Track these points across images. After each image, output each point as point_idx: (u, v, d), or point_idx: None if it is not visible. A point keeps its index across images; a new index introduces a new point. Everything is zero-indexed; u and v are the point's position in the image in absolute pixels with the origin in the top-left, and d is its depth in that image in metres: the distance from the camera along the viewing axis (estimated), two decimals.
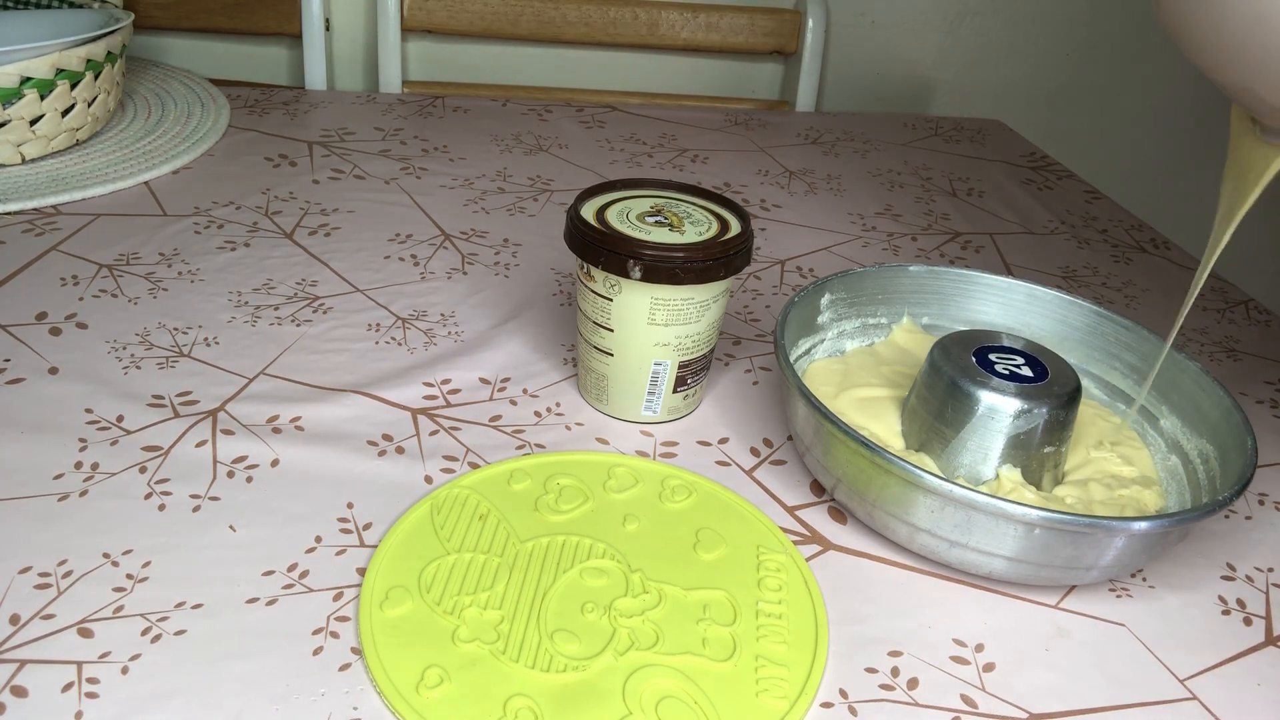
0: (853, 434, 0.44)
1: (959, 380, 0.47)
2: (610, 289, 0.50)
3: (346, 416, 0.52)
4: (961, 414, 0.47)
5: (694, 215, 0.52)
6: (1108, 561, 0.43)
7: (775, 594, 0.43)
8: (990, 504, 0.41)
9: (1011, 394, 0.46)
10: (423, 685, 0.37)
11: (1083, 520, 0.41)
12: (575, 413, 0.55)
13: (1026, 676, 0.41)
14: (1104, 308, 0.57)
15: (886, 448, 0.45)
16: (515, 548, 0.44)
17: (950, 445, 0.48)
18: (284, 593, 0.41)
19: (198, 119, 0.86)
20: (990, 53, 1.23)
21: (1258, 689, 0.42)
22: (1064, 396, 0.47)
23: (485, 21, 1.07)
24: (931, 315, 0.60)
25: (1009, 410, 0.46)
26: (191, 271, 0.64)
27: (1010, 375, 0.47)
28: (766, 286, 0.70)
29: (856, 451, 0.44)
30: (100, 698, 0.36)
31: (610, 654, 0.40)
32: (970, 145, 1.02)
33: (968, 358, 0.48)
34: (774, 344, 0.50)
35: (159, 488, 0.46)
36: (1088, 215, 0.88)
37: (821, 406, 0.45)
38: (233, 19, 1.04)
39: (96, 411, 0.51)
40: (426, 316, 0.62)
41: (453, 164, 0.84)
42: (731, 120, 1.02)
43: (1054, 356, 0.49)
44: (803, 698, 0.39)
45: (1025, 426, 0.46)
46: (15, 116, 0.71)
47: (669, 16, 1.10)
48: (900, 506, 0.44)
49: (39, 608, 0.39)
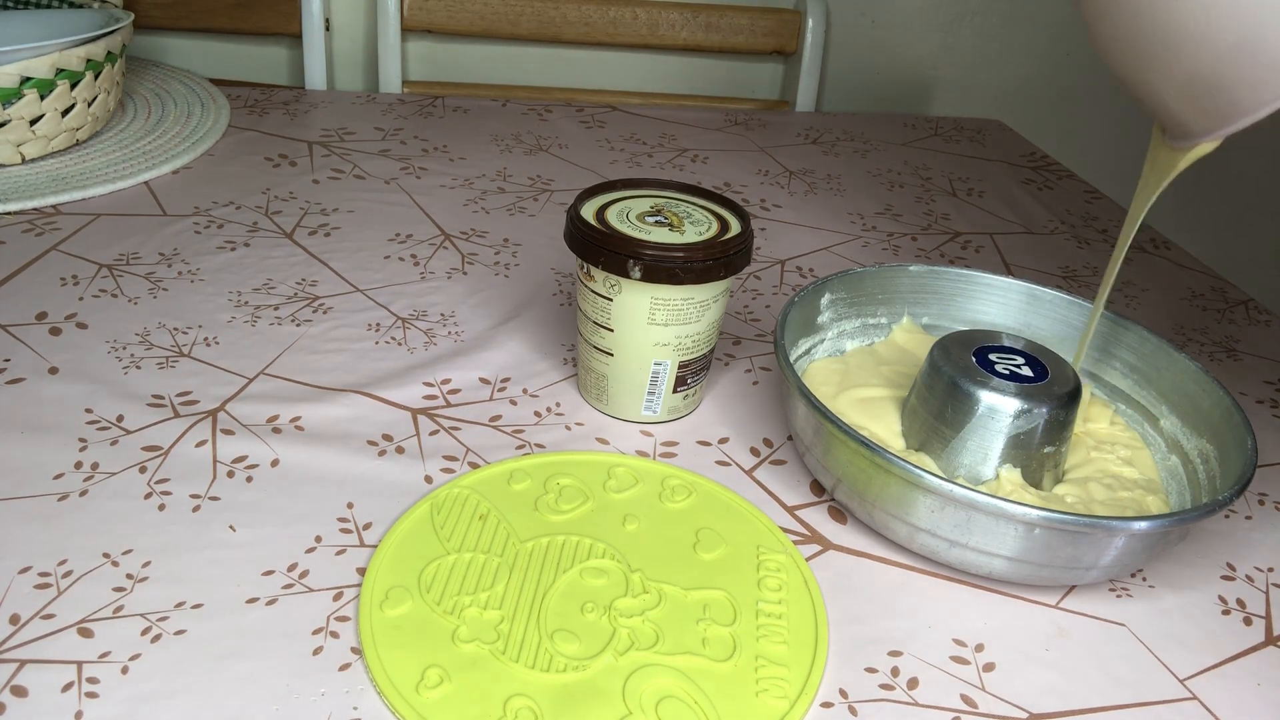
0: (853, 434, 0.44)
1: (959, 380, 0.47)
2: (610, 289, 0.50)
3: (346, 416, 0.52)
4: (961, 414, 0.47)
5: (694, 215, 0.52)
6: (1108, 561, 0.43)
7: (775, 594, 0.43)
8: (990, 504, 0.41)
9: (1011, 394, 0.46)
10: (423, 685, 0.37)
11: (1083, 520, 0.41)
12: (575, 412, 0.55)
13: (1027, 676, 0.41)
14: (1104, 308, 0.57)
15: (886, 448, 0.45)
16: (515, 548, 0.44)
17: (950, 445, 0.48)
18: (284, 593, 0.41)
19: (198, 119, 0.86)
20: (990, 53, 1.23)
21: (1258, 689, 0.42)
22: (1064, 396, 0.47)
23: (485, 21, 1.07)
24: (931, 315, 0.60)
25: (1009, 410, 0.46)
26: (191, 271, 0.64)
27: (1010, 375, 0.47)
28: (766, 286, 0.70)
29: (857, 451, 0.44)
30: (100, 698, 0.36)
31: (610, 654, 0.40)
32: (970, 145, 1.02)
33: (968, 358, 0.48)
34: (774, 344, 0.50)
35: (159, 488, 0.46)
36: (1088, 215, 0.88)
37: (821, 406, 0.45)
38: (233, 19, 1.04)
39: (96, 411, 0.51)
40: (426, 316, 0.62)
41: (453, 164, 0.84)
42: (731, 120, 1.02)
43: (1054, 356, 0.49)
44: (803, 697, 0.39)
45: (1025, 426, 0.46)
46: (15, 116, 0.71)
47: (669, 16, 1.10)
48: (900, 506, 0.44)
49: (39, 607, 0.39)
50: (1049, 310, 0.58)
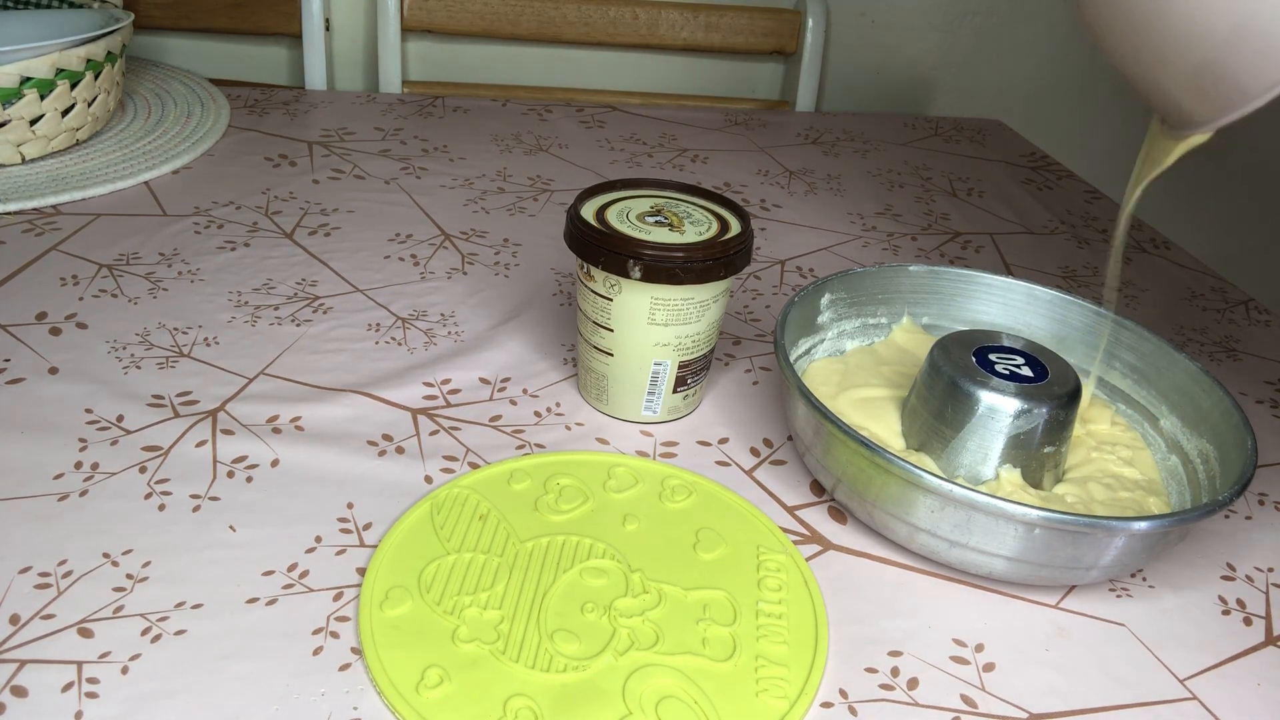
0: (853, 434, 0.44)
1: (959, 380, 0.47)
2: (610, 289, 0.50)
3: (346, 416, 0.52)
4: (961, 414, 0.47)
5: (694, 215, 0.52)
6: (1108, 561, 0.43)
7: (775, 594, 0.43)
8: (990, 504, 0.41)
9: (1011, 394, 0.46)
10: (423, 685, 0.37)
11: (1083, 520, 0.41)
12: (575, 413, 0.55)
13: (1026, 676, 0.41)
14: (1103, 307, 0.57)
15: (886, 448, 0.45)
16: (515, 548, 0.44)
17: (950, 445, 0.48)
18: (284, 593, 0.41)
19: (198, 119, 0.86)
20: (990, 53, 1.23)
21: (1257, 689, 0.42)
22: (1064, 396, 0.47)
23: (485, 21, 1.07)
24: (931, 315, 0.60)
25: (1009, 410, 0.46)
26: (191, 271, 0.64)
27: (1010, 375, 0.47)
28: (766, 286, 0.70)
29: (856, 451, 0.44)
30: (100, 698, 0.36)
31: (610, 654, 0.40)
32: (970, 145, 1.02)
33: (968, 358, 0.48)
34: (774, 344, 0.50)
35: (159, 488, 0.46)
36: (1088, 215, 0.88)
37: (821, 406, 0.45)
38: (233, 19, 1.04)
39: (96, 411, 0.51)
40: (426, 316, 0.62)
41: (453, 164, 0.84)
42: (731, 120, 1.02)
43: (1054, 356, 0.49)
44: (803, 697, 0.39)
45: (1025, 426, 0.46)
46: (15, 116, 0.71)
47: (669, 16, 1.10)
48: (900, 506, 0.44)
49: (39, 608, 0.39)
50: (1049, 310, 0.58)
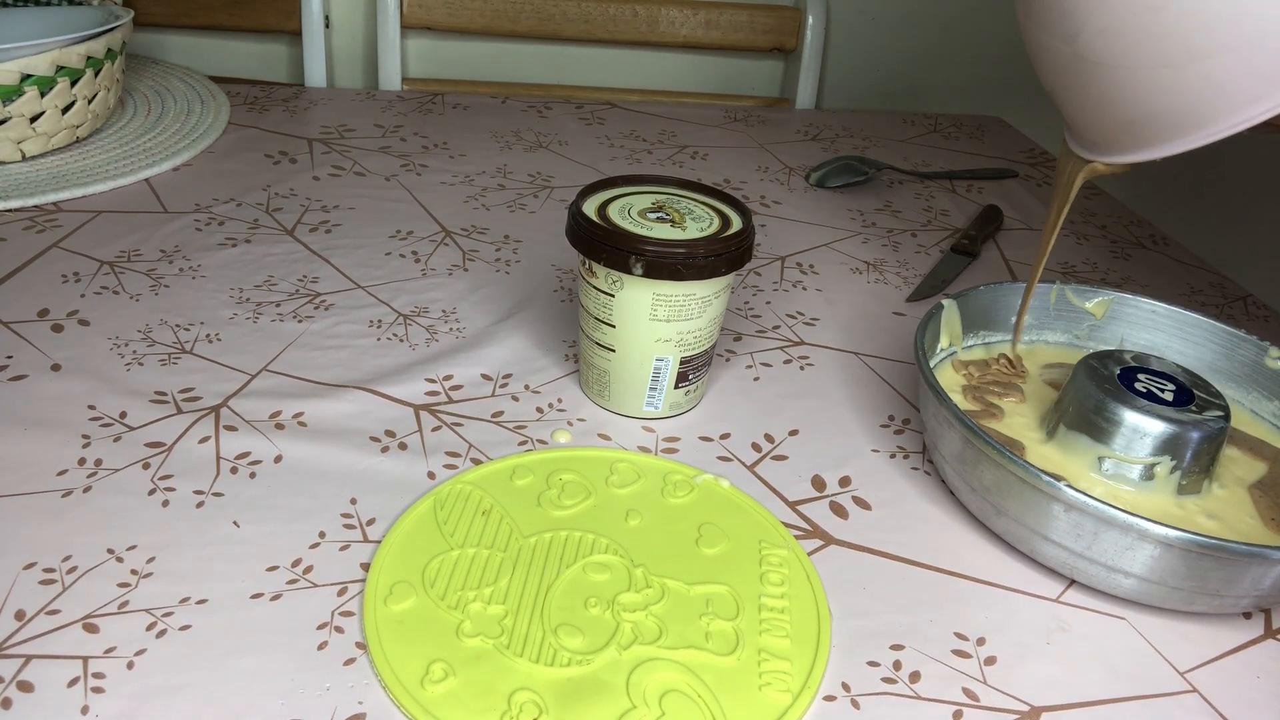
0: (1005, 452, 0.44)
1: (1105, 399, 0.47)
2: (612, 285, 0.50)
3: (349, 413, 0.52)
4: (1107, 432, 0.47)
5: (695, 211, 0.52)
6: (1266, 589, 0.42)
7: (778, 588, 0.43)
8: (1130, 522, 0.41)
9: (1158, 417, 0.46)
10: (427, 680, 0.37)
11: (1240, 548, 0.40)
12: (577, 408, 0.55)
13: (1028, 670, 0.42)
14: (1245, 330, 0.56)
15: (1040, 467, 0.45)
16: (518, 543, 0.44)
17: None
18: (288, 588, 0.41)
19: (198, 116, 0.86)
20: (990, 50, 1.23)
21: (1257, 681, 0.42)
22: (1212, 423, 0.47)
23: (485, 19, 1.07)
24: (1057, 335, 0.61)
25: (1154, 433, 0.46)
26: (193, 268, 0.64)
27: (1156, 398, 0.47)
28: (767, 282, 0.70)
29: (1007, 469, 0.44)
30: (106, 693, 0.36)
31: (614, 648, 0.40)
32: (969, 142, 1.02)
33: (1115, 377, 0.48)
34: (914, 349, 0.50)
35: (162, 484, 0.46)
36: (1086, 211, 0.88)
37: (971, 423, 0.45)
38: (232, 16, 1.04)
39: (99, 408, 0.51)
40: (428, 313, 0.62)
41: (453, 161, 0.84)
42: (731, 117, 1.02)
43: (1203, 382, 0.49)
44: (805, 691, 0.39)
45: (1171, 450, 0.46)
46: (16, 114, 0.71)
47: (668, 13, 1.10)
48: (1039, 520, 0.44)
49: (44, 603, 0.39)
50: (1197, 335, 0.58)
